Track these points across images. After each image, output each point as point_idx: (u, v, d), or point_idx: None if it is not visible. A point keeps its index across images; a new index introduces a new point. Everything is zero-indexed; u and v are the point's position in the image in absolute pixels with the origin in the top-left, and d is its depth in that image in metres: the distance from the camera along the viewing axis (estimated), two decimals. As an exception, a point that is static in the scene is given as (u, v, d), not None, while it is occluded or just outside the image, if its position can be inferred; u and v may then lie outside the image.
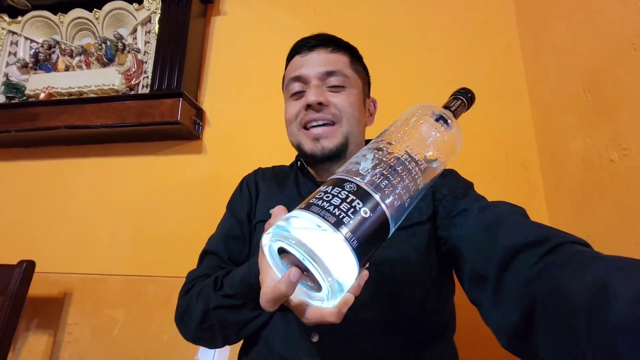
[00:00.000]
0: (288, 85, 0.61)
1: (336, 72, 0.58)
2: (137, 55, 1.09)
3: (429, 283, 0.50)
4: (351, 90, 0.58)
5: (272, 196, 0.62)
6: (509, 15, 0.99)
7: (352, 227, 0.28)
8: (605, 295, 0.26)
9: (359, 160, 0.33)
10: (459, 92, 0.47)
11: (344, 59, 0.60)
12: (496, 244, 0.41)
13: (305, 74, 0.58)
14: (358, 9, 1.08)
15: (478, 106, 0.92)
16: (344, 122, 0.56)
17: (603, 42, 0.64)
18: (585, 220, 0.70)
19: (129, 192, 1.04)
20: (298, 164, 0.65)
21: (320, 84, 0.57)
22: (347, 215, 0.28)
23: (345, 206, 0.29)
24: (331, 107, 0.56)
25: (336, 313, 0.32)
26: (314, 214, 0.28)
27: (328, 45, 0.60)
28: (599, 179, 0.65)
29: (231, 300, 0.47)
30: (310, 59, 0.59)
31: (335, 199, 0.29)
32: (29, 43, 1.18)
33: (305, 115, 0.56)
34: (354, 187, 0.30)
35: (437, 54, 1.00)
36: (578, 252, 0.34)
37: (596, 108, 0.66)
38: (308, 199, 0.31)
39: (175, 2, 1.08)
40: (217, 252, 0.58)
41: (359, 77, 0.61)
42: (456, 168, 0.65)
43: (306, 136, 0.57)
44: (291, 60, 0.62)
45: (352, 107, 0.57)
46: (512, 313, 0.36)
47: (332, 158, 0.56)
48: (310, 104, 0.55)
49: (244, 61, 1.11)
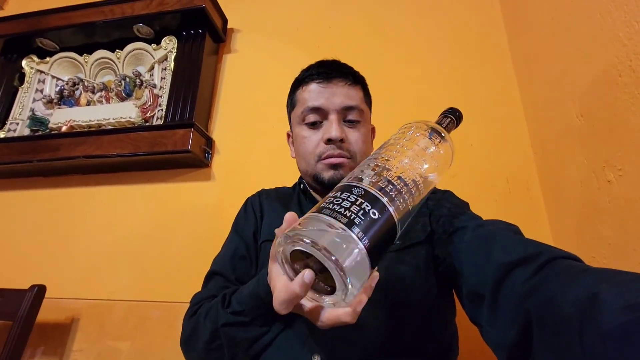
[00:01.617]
0: (304, 112, 0.60)
1: (354, 107, 0.59)
2: (153, 90, 1.17)
3: (429, 303, 0.50)
4: (365, 125, 0.61)
5: (277, 216, 0.63)
6: (503, 45, 1.05)
7: (363, 227, 0.29)
8: (594, 305, 0.27)
9: (363, 169, 0.35)
10: (448, 111, 0.50)
11: (359, 94, 0.61)
12: (490, 261, 0.42)
13: (325, 107, 0.58)
14: (359, 44, 1.15)
15: (477, 131, 0.96)
16: (358, 159, 0.58)
17: (591, 70, 0.67)
18: (589, 241, 0.69)
19: (139, 218, 1.07)
20: (301, 187, 0.67)
21: (338, 118, 0.58)
22: (357, 216, 0.30)
23: (355, 208, 0.30)
24: (347, 144, 0.58)
25: (351, 312, 0.32)
26: (326, 215, 0.30)
27: (347, 77, 0.60)
28: (599, 200, 0.66)
29: (240, 317, 0.47)
30: (329, 90, 0.59)
31: (345, 202, 0.31)
32: (55, 81, 1.28)
33: (325, 149, 0.57)
34: (361, 191, 0.32)
35: (435, 84, 1.05)
36: (569, 266, 0.35)
37: (590, 131, 0.68)
38: (318, 204, 0.32)
39: (190, 42, 1.17)
40: (224, 272, 0.58)
41: (369, 109, 0.65)
42: (457, 192, 0.67)
43: (324, 166, 0.57)
44: (307, 86, 0.61)
45: (365, 144, 0.60)
46: (508, 330, 0.36)
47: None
48: (332, 140, 0.56)
49: (252, 94, 1.18)
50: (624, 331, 0.25)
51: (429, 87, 1.05)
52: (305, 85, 0.62)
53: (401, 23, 1.15)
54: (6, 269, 1.07)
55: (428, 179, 0.36)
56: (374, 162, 0.36)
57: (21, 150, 1.12)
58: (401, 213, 0.33)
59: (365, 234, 0.29)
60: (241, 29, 1.29)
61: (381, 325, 0.48)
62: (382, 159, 0.36)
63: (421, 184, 0.35)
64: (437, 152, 0.39)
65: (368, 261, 0.29)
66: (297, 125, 0.62)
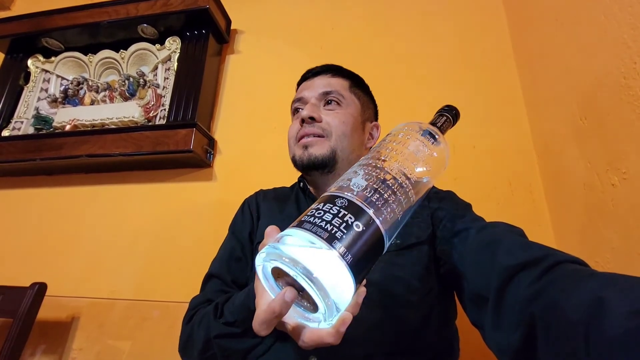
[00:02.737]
0: (292, 106, 0.67)
1: (332, 92, 0.63)
2: (157, 90, 1.17)
3: (429, 303, 0.50)
4: (346, 110, 0.62)
5: (273, 216, 0.63)
6: (506, 47, 1.04)
7: (346, 243, 0.27)
8: (600, 310, 0.27)
9: (350, 177, 0.33)
10: (444, 109, 0.48)
11: (342, 82, 0.65)
12: (494, 264, 0.41)
13: (305, 95, 0.64)
14: (362, 46, 1.15)
15: (479, 133, 0.96)
16: (333, 137, 0.60)
17: (594, 72, 0.66)
18: (593, 245, 0.69)
19: (141, 218, 1.07)
20: (300, 185, 0.67)
21: (317, 102, 0.63)
22: (339, 230, 0.27)
23: (338, 221, 0.28)
24: (323, 123, 0.61)
25: (334, 333, 0.31)
26: (306, 231, 0.28)
27: (329, 72, 0.67)
28: (603, 204, 0.65)
29: (232, 328, 0.46)
30: (313, 83, 0.66)
31: (327, 214, 0.29)
32: (60, 80, 1.29)
33: (299, 129, 0.61)
34: (345, 202, 0.30)
35: (437, 85, 1.05)
36: (575, 270, 0.35)
37: (593, 134, 0.67)
38: (300, 217, 0.30)
39: (193, 43, 1.18)
40: (220, 275, 0.59)
41: (358, 100, 0.66)
42: (459, 195, 0.66)
43: (298, 147, 0.61)
44: (299, 86, 0.70)
45: (344, 125, 0.61)
46: (512, 333, 0.36)
47: (318, 167, 0.59)
48: (304, 118, 0.60)
49: (254, 95, 1.18)
50: (630, 337, 0.24)
51: (431, 88, 1.05)
52: (298, 86, 0.71)
53: (404, 24, 1.15)
54: (7, 266, 1.07)
55: (420, 184, 0.35)
56: (362, 168, 0.34)
57: (25, 148, 1.12)
58: (389, 223, 0.31)
59: (349, 249, 0.27)
60: (244, 30, 1.29)
61: (380, 324, 0.47)
62: (370, 166, 0.34)
63: (411, 190, 0.33)
64: (429, 155, 0.37)
65: (352, 278, 0.27)
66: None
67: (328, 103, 0.63)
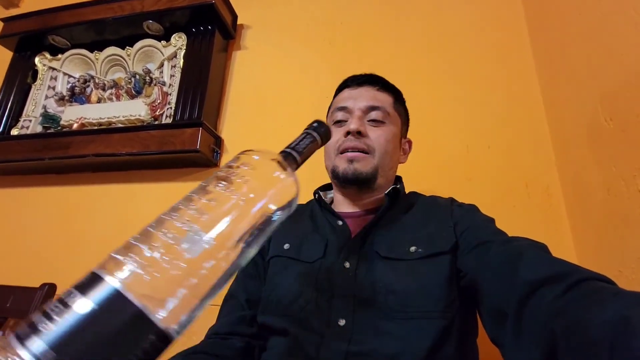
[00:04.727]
0: (333, 113, 0.66)
1: (379, 107, 0.62)
2: (163, 87, 1.16)
3: (450, 316, 0.48)
4: (389, 127, 0.63)
5: (286, 230, 0.62)
6: (524, 41, 1.00)
7: (49, 338, 0.18)
8: (626, 329, 0.26)
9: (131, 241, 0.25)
10: (312, 126, 0.39)
11: (388, 98, 0.65)
12: (516, 278, 0.40)
13: (350, 106, 0.63)
14: (373, 41, 1.12)
15: (495, 133, 0.92)
16: (377, 155, 0.60)
17: (621, 69, 0.62)
18: (616, 254, 0.65)
19: (148, 217, 1.06)
20: (316, 197, 0.66)
21: (362, 115, 0.62)
22: (47, 322, 0.18)
23: (55, 309, 0.19)
24: (367, 139, 0.60)
25: None
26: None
27: (376, 84, 0.66)
28: (628, 210, 0.61)
29: None
30: (358, 93, 0.64)
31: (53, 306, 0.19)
32: (66, 78, 1.28)
33: (344, 142, 0.60)
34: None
35: (451, 82, 1.01)
36: (600, 288, 0.33)
37: (620, 136, 0.63)
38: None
39: (199, 39, 1.15)
40: (236, 294, 0.60)
41: (399, 116, 0.66)
42: (474, 197, 0.64)
43: (341, 159, 0.60)
44: (340, 93, 0.68)
45: (387, 143, 0.61)
46: (533, 350, 0.34)
47: (360, 183, 0.59)
48: (350, 132, 0.59)
49: (262, 92, 1.15)
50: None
51: (445, 86, 1.01)
52: (339, 92, 0.69)
53: (416, 18, 1.11)
54: (17, 266, 1.08)
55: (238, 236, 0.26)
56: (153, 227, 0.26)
57: (33, 147, 1.12)
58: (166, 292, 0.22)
59: (52, 345, 0.17)
60: (251, 25, 1.27)
61: (400, 334, 0.46)
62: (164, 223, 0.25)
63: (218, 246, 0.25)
64: (264, 206, 0.28)
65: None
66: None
67: (373, 119, 0.62)
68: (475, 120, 0.95)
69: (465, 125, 0.95)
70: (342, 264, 0.54)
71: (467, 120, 0.96)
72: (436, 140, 0.94)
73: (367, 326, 0.48)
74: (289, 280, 0.56)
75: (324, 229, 0.61)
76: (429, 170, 0.91)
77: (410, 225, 0.57)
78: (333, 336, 0.48)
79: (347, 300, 0.50)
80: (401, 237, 0.55)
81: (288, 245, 0.60)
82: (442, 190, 0.88)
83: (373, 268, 0.52)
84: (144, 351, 0.20)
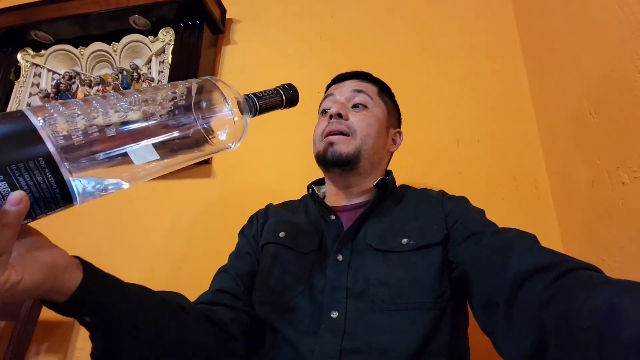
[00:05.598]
0: (321, 104, 0.69)
1: (362, 91, 0.65)
2: (151, 84, 1.14)
3: (441, 306, 0.49)
4: (372, 112, 0.64)
5: (281, 220, 0.64)
6: (513, 36, 1.01)
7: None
8: (615, 316, 0.27)
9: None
10: (283, 86, 0.43)
11: (372, 87, 0.68)
12: (507, 268, 0.41)
13: (335, 93, 0.67)
14: (363, 34, 1.11)
15: (484, 127, 0.93)
16: (358, 137, 0.61)
17: (606, 65, 0.64)
18: (599, 243, 0.67)
19: (139, 215, 1.06)
20: (309, 191, 0.67)
21: (345, 102, 0.65)
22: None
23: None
24: (349, 122, 0.62)
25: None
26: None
27: (360, 77, 0.69)
28: (611, 202, 0.63)
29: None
30: (343, 84, 0.68)
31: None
32: (51, 74, 1.25)
33: (326, 126, 0.62)
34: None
35: (441, 77, 1.02)
36: (588, 277, 0.35)
37: (604, 130, 0.65)
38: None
39: (187, 34, 1.13)
40: (227, 269, 0.61)
41: (385, 105, 0.67)
42: (464, 190, 0.65)
43: (323, 142, 0.62)
44: (328, 89, 0.72)
45: (369, 126, 0.62)
46: (524, 340, 0.35)
47: (341, 164, 0.60)
48: (332, 115, 0.62)
49: (252, 87, 1.13)
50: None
51: (435, 80, 1.01)
52: (327, 88, 0.72)
53: (406, 12, 1.11)
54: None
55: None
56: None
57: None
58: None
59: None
60: (240, 19, 1.25)
61: (392, 326, 0.47)
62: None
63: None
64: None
65: None
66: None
67: (356, 106, 0.64)
68: (465, 114, 0.96)
69: (455, 119, 0.96)
70: (335, 256, 0.54)
71: (456, 114, 0.97)
72: (426, 134, 0.95)
73: (360, 319, 0.49)
74: (282, 268, 0.57)
75: (318, 222, 0.62)
76: (419, 163, 0.93)
77: (401, 217, 0.58)
78: (326, 330, 0.49)
79: (340, 293, 0.51)
80: (393, 229, 0.56)
81: (284, 234, 0.61)
82: (432, 183, 0.90)
83: (365, 260, 0.53)
84: (26, 168, 0.22)
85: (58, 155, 0.23)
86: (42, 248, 0.29)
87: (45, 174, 0.23)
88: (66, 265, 0.30)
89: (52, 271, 0.28)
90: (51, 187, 0.24)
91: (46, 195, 0.24)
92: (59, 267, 0.29)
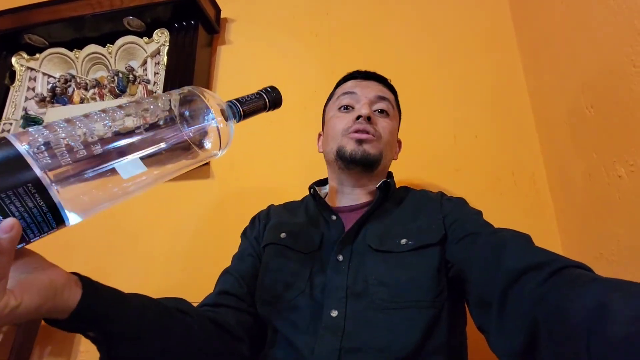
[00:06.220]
0: (338, 98, 0.67)
1: (387, 99, 0.66)
2: (147, 85, 1.14)
3: (439, 306, 0.50)
4: (393, 121, 0.67)
5: (282, 221, 0.65)
6: (509, 31, 1.01)
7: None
8: (603, 314, 0.27)
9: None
10: (266, 89, 0.43)
11: (391, 95, 0.69)
12: (499, 267, 0.42)
13: (359, 92, 0.65)
14: (359, 32, 1.11)
15: (481, 122, 0.93)
16: (382, 142, 0.63)
17: (602, 60, 0.64)
18: (597, 237, 0.68)
19: (137, 216, 1.06)
20: (311, 191, 0.67)
21: (370, 104, 0.64)
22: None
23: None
24: (377, 126, 0.63)
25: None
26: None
27: (382, 81, 0.70)
28: (608, 195, 0.64)
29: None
30: (365, 84, 0.67)
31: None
32: (46, 78, 1.24)
33: (353, 124, 0.62)
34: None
35: (438, 73, 1.01)
36: (579, 275, 0.35)
37: (601, 124, 0.65)
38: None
39: (182, 35, 1.13)
40: (231, 270, 0.61)
41: (398, 115, 0.71)
42: (462, 186, 0.65)
43: (350, 139, 0.61)
44: (345, 82, 0.70)
45: (390, 134, 0.65)
46: (516, 337, 0.36)
47: (367, 164, 0.61)
48: (362, 116, 0.61)
49: (249, 87, 1.12)
50: (632, 341, 0.25)
51: (432, 76, 1.01)
52: (344, 82, 0.71)
53: (403, 9, 1.10)
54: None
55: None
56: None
57: (16, 151, 1.10)
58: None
59: None
60: (235, 18, 1.24)
61: (390, 325, 0.48)
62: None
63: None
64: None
65: None
66: (330, 113, 0.68)
67: (380, 112, 0.65)
68: (462, 110, 0.96)
69: (452, 115, 0.96)
70: (336, 257, 0.55)
71: (454, 110, 0.97)
72: (424, 131, 0.95)
73: (359, 318, 0.49)
74: (283, 268, 0.57)
75: (318, 222, 0.62)
76: (417, 160, 0.93)
77: (401, 218, 0.59)
78: (326, 329, 0.49)
79: (340, 292, 0.52)
80: (392, 230, 0.56)
81: (285, 235, 0.61)
82: (430, 179, 0.90)
83: (365, 261, 0.54)
84: (16, 195, 0.22)
85: (46, 179, 0.24)
86: (39, 269, 0.29)
87: (35, 199, 0.24)
88: (64, 284, 0.30)
89: (51, 292, 0.29)
90: (42, 211, 0.25)
91: (38, 220, 0.25)
92: (57, 287, 0.29)
